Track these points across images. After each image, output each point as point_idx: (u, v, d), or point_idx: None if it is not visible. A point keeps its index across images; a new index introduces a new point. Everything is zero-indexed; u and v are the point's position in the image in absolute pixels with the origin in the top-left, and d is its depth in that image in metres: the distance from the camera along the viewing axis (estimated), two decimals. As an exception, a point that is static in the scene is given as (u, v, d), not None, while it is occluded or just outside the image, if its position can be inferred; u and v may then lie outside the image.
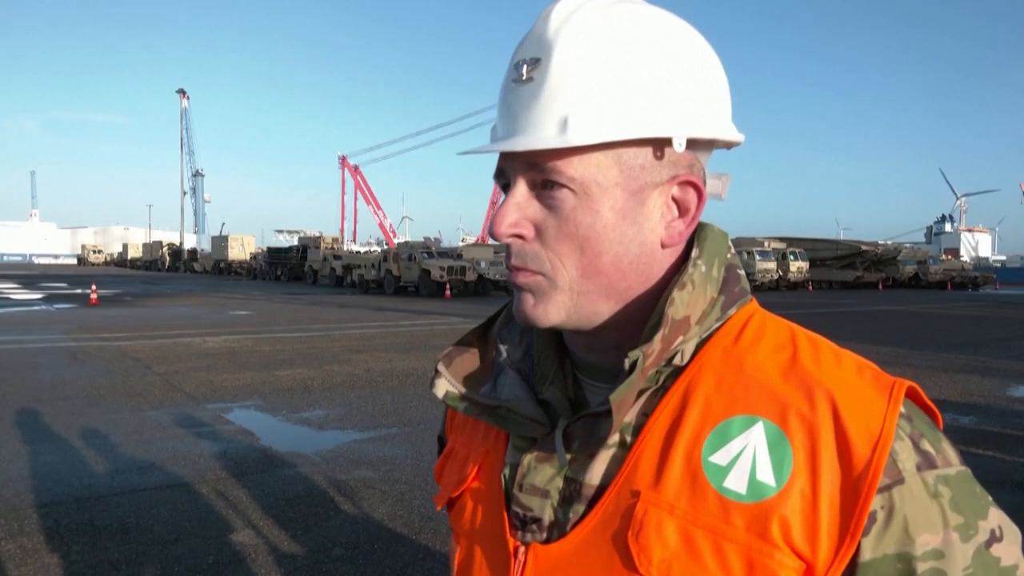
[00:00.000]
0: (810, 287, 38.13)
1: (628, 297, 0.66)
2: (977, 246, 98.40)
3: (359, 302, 23.93)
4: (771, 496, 0.57)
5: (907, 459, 0.58)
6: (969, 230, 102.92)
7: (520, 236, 0.65)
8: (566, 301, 0.65)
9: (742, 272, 0.70)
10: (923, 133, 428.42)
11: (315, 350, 11.32)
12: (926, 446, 0.59)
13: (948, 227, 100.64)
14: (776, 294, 33.13)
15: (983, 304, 27.74)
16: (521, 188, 0.64)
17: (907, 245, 57.75)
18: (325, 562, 3.63)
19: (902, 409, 0.60)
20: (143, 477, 4.93)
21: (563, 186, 0.62)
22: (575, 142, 0.60)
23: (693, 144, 0.65)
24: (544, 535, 0.67)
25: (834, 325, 17.27)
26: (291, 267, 43.47)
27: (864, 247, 41.94)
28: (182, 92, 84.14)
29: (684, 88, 0.62)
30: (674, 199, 0.66)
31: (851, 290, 38.85)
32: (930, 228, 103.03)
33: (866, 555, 0.56)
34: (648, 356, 0.62)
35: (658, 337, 0.62)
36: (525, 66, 0.62)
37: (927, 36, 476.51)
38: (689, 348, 0.64)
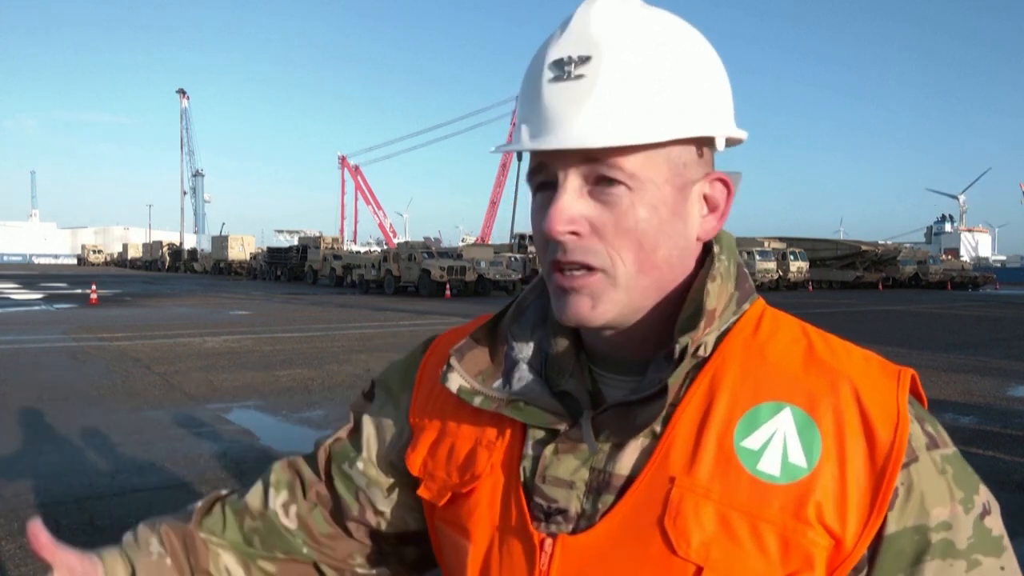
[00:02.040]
0: (810, 287, 38.13)
1: (669, 290, 0.69)
2: (977, 246, 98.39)
3: (359, 302, 23.94)
4: (803, 477, 0.61)
5: (919, 440, 0.63)
6: (969, 230, 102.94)
7: (576, 233, 0.65)
8: (622, 298, 0.66)
9: (747, 271, 0.74)
10: (923, 133, 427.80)
11: (315, 350, 11.32)
12: (929, 428, 0.64)
13: (948, 227, 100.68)
14: (776, 294, 33.12)
15: (983, 304, 27.74)
16: (573, 184, 0.64)
17: (907, 245, 57.74)
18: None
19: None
20: (143, 477, 4.94)
21: (620, 182, 0.64)
22: (637, 140, 0.62)
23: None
24: (571, 526, 0.67)
25: (834, 325, 17.23)
26: (291, 267, 43.48)
27: (864, 247, 41.95)
28: (182, 92, 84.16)
29: (717, 91, 0.67)
30: (705, 196, 0.69)
31: (851, 290, 38.86)
32: (930, 228, 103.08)
33: (891, 528, 0.60)
34: (694, 341, 0.65)
35: (701, 324, 0.66)
36: (572, 64, 0.63)
37: (927, 36, 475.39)
38: (711, 340, 0.67)
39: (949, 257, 54.58)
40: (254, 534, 0.85)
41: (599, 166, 0.63)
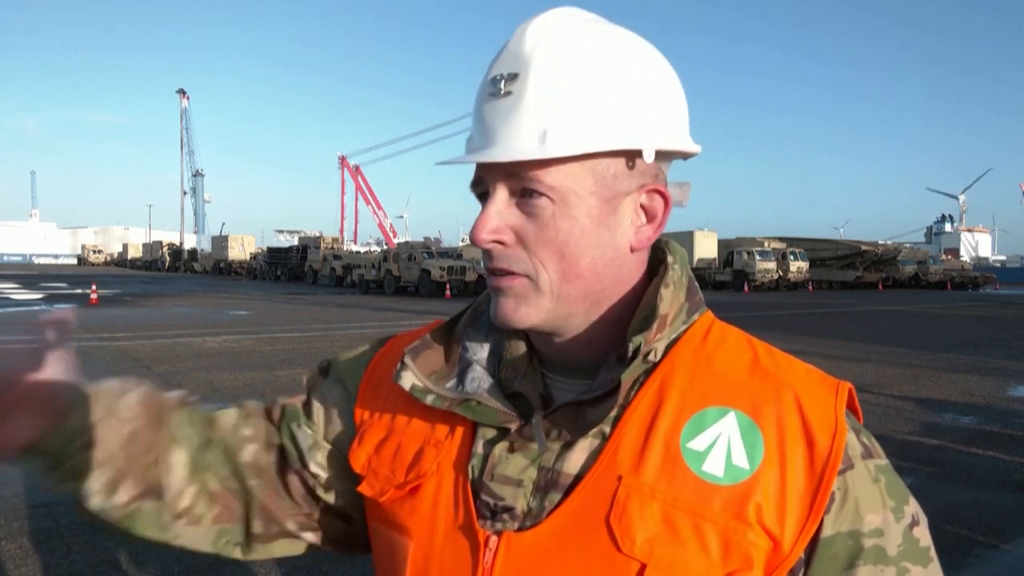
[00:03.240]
0: (810, 287, 38.12)
1: (601, 299, 0.71)
2: (977, 246, 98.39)
3: (359, 302, 23.95)
4: (746, 479, 0.63)
5: (855, 448, 0.66)
6: (969, 230, 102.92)
7: (501, 242, 0.68)
8: (547, 304, 0.69)
9: (697, 284, 0.76)
10: (923, 133, 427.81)
11: (315, 350, 11.32)
12: (864, 439, 0.68)
13: (948, 227, 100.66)
14: (776, 294, 33.14)
15: (983, 304, 27.75)
16: (501, 196, 0.68)
17: (907, 245, 57.73)
18: (325, 562, 3.65)
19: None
20: (143, 477, 4.94)
21: (542, 194, 0.66)
22: (555, 153, 0.64)
23: (658, 155, 0.69)
24: (516, 524, 0.68)
25: (834, 325, 17.28)
26: (291, 267, 43.52)
27: (864, 247, 41.96)
28: (182, 92, 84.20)
29: (652, 104, 0.68)
30: (642, 206, 0.71)
31: (851, 290, 38.87)
32: (930, 228, 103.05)
33: (827, 531, 0.63)
34: (646, 343, 0.67)
35: (654, 327, 0.68)
36: (503, 81, 0.65)
37: (927, 37, 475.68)
38: (661, 346, 0.69)
39: (949, 257, 54.59)
40: (217, 446, 0.82)
41: (522, 179, 0.66)
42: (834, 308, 23.67)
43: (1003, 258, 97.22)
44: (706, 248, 39.13)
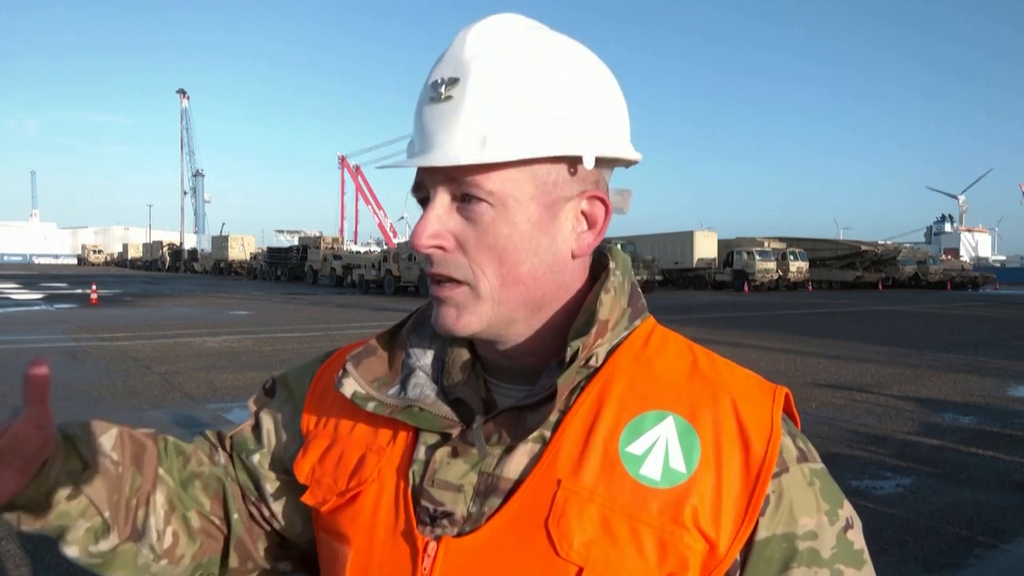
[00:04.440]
0: (810, 287, 38.12)
1: (542, 305, 0.71)
2: (977, 246, 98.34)
3: (359, 302, 23.95)
4: (682, 482, 0.64)
5: (790, 452, 0.67)
6: (969, 230, 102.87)
7: (441, 247, 0.68)
8: (487, 311, 0.69)
9: (640, 290, 0.77)
10: (923, 134, 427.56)
11: (315, 350, 11.31)
12: (800, 443, 0.68)
13: (948, 227, 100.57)
14: (776, 294, 33.14)
15: (983, 304, 27.75)
16: (441, 201, 0.67)
17: (907, 245, 57.71)
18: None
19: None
20: (143, 477, 4.94)
21: (482, 200, 0.66)
22: (493, 158, 0.64)
23: (599, 162, 0.69)
24: (456, 529, 0.68)
25: (834, 325, 17.28)
26: (291, 267, 43.54)
27: (864, 247, 41.97)
28: (182, 92, 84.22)
29: (592, 111, 0.68)
30: (583, 213, 0.71)
31: (851, 290, 38.86)
32: (930, 228, 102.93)
33: (761, 533, 0.64)
34: (585, 347, 0.67)
35: (593, 331, 0.68)
36: (443, 85, 0.65)
37: (925, 38, 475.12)
38: (602, 352, 0.70)
39: (949, 257, 54.60)
40: (195, 478, 0.82)
41: (462, 184, 0.66)
42: (834, 308, 23.68)
43: (1003, 258, 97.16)
44: (706, 248, 39.15)
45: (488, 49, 0.65)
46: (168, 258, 69.06)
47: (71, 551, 0.73)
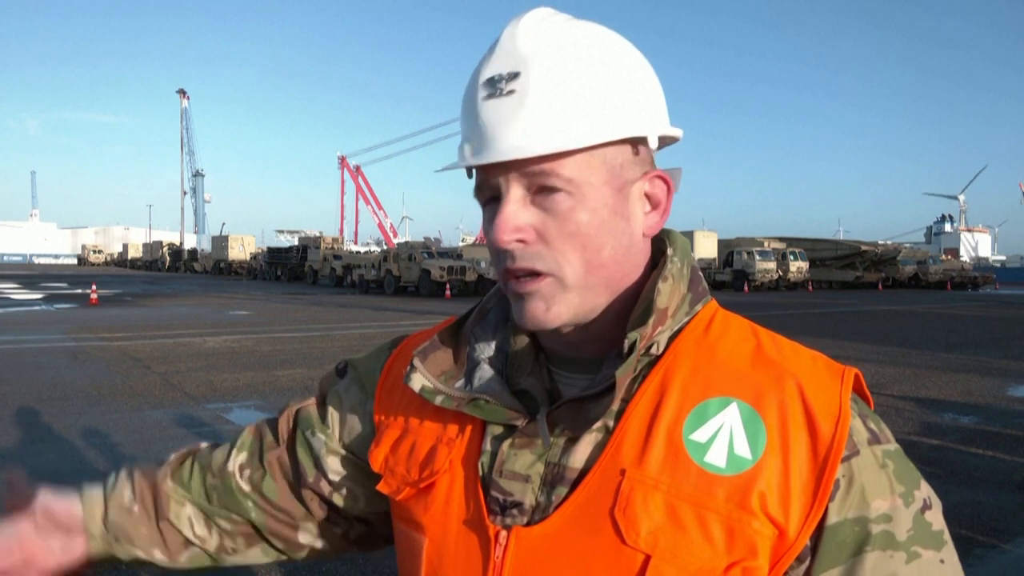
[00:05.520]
0: (810, 287, 38.11)
1: (622, 287, 0.72)
2: (977, 246, 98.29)
3: (359, 302, 23.95)
4: (748, 468, 0.63)
5: (860, 435, 0.66)
6: (969, 230, 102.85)
7: (523, 240, 0.68)
8: (575, 299, 0.69)
9: (700, 273, 0.77)
10: (923, 135, 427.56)
11: (315, 350, 11.32)
12: (871, 424, 0.67)
13: (948, 227, 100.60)
14: (776, 294, 33.13)
15: (983, 304, 27.74)
16: (515, 195, 0.68)
17: (907, 245, 57.71)
18: (325, 562, 3.64)
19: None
20: (143, 477, 4.93)
21: (559, 189, 0.67)
22: (570, 145, 0.65)
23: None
24: (525, 519, 0.69)
25: (834, 325, 17.27)
26: (291, 267, 43.50)
27: (864, 247, 41.96)
28: (182, 92, 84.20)
29: (645, 91, 0.70)
30: (646, 194, 0.72)
31: (851, 290, 38.85)
32: (930, 228, 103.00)
33: (832, 518, 0.63)
34: (643, 338, 0.68)
35: (651, 322, 0.69)
36: (503, 80, 0.66)
37: (924, 39, 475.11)
38: (663, 339, 0.70)
39: (949, 257, 54.52)
40: (213, 491, 0.89)
41: (537, 175, 0.66)
42: (834, 308, 23.67)
43: (1003, 258, 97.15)
44: (706, 248, 39.13)
45: (545, 41, 0.66)
46: (168, 258, 68.98)
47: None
